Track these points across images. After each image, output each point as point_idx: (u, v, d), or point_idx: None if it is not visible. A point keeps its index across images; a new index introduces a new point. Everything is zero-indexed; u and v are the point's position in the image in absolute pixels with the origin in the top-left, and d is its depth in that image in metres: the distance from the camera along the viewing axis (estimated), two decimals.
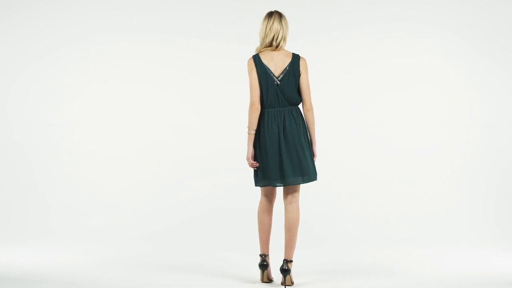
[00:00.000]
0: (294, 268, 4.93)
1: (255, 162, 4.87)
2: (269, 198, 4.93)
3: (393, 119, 6.77)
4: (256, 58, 4.85)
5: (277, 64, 4.85)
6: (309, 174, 4.84)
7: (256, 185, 4.90)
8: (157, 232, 6.43)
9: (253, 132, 4.85)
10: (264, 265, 4.86)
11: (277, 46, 4.85)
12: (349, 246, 6.16)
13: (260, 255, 4.89)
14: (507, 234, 6.32)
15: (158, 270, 5.33)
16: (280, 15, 4.87)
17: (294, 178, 4.81)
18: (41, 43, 6.76)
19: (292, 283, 4.82)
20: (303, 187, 5.03)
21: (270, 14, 4.87)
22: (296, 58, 4.87)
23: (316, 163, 5.00)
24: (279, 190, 5.06)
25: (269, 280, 4.90)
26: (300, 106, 4.94)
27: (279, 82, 4.84)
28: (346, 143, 6.76)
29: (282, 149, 4.82)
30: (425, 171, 6.69)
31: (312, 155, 4.93)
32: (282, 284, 4.82)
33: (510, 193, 6.60)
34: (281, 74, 4.84)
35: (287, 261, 4.81)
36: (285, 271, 4.78)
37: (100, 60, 6.80)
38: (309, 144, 4.93)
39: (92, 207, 6.62)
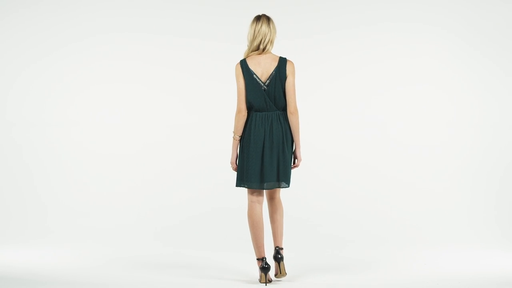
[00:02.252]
0: (299, 267, 4.91)
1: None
2: (257, 199, 4.94)
3: (394, 119, 6.76)
4: (243, 64, 4.87)
5: (263, 69, 4.86)
6: (286, 182, 4.89)
7: (236, 185, 4.93)
8: (157, 232, 6.42)
9: (238, 137, 4.90)
10: (266, 268, 4.84)
11: (263, 49, 4.86)
12: (349, 244, 6.16)
13: (259, 259, 4.88)
14: (507, 233, 6.32)
15: (158, 270, 5.33)
16: (268, 18, 4.90)
17: (272, 183, 4.86)
18: (41, 44, 6.76)
19: (286, 274, 4.83)
20: (304, 188, 5.02)
21: (258, 18, 4.91)
22: (283, 62, 4.88)
23: (303, 166, 5.05)
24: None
25: (269, 281, 4.89)
26: None
27: (266, 87, 4.86)
28: (345, 143, 6.75)
29: (265, 153, 4.85)
30: (426, 171, 6.68)
31: (290, 162, 4.93)
32: (276, 275, 4.83)
33: (511, 193, 6.59)
34: (268, 79, 4.85)
35: (279, 248, 4.85)
36: (279, 258, 4.82)
37: (100, 60, 6.79)
38: (291, 150, 4.94)
39: (92, 207, 6.62)
